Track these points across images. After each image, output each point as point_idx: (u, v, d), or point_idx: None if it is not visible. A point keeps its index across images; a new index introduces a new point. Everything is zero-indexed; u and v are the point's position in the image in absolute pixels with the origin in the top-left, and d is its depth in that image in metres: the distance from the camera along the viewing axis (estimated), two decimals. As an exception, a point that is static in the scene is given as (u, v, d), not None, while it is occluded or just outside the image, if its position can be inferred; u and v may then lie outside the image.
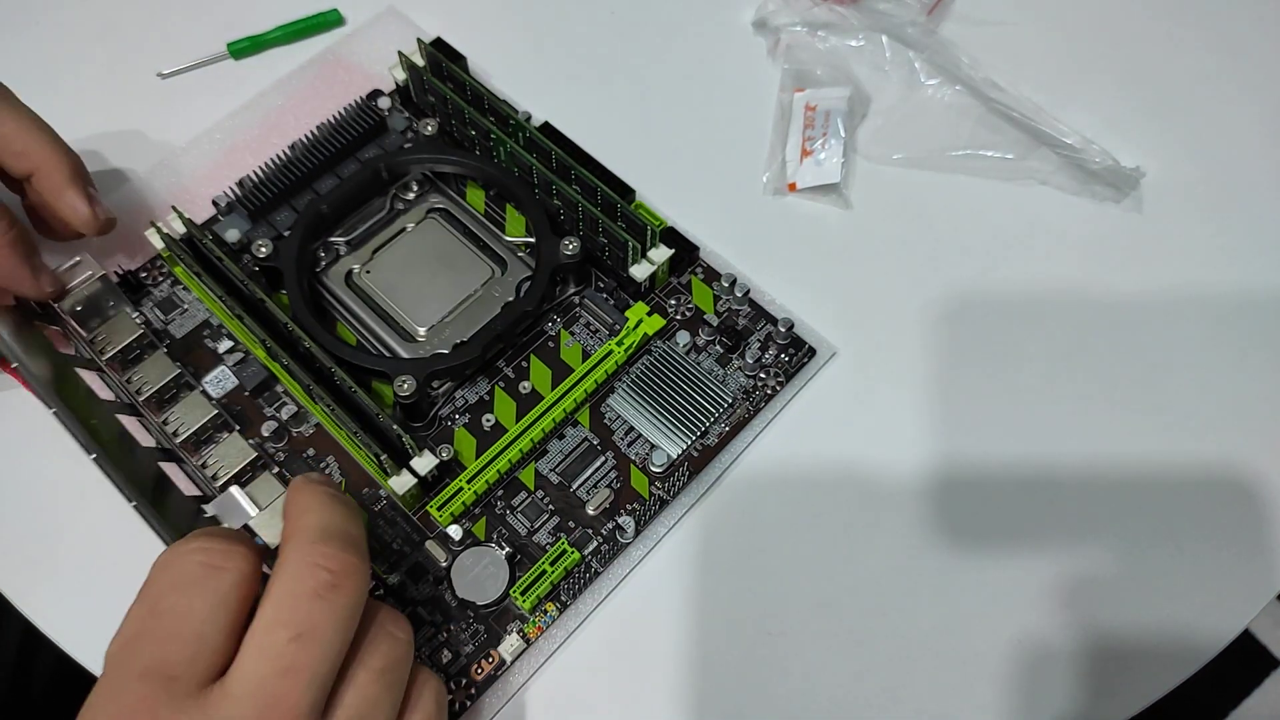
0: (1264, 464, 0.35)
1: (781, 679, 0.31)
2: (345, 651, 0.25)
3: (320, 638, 0.24)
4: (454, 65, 0.38)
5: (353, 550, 0.25)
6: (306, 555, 0.25)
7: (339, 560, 0.25)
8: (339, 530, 0.26)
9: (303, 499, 0.27)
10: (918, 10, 0.44)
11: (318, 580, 0.24)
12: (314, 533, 0.25)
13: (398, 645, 0.26)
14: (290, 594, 0.24)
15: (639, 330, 0.35)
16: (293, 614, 0.24)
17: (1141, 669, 0.31)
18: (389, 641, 0.26)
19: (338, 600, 0.24)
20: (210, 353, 0.35)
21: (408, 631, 0.27)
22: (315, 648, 0.24)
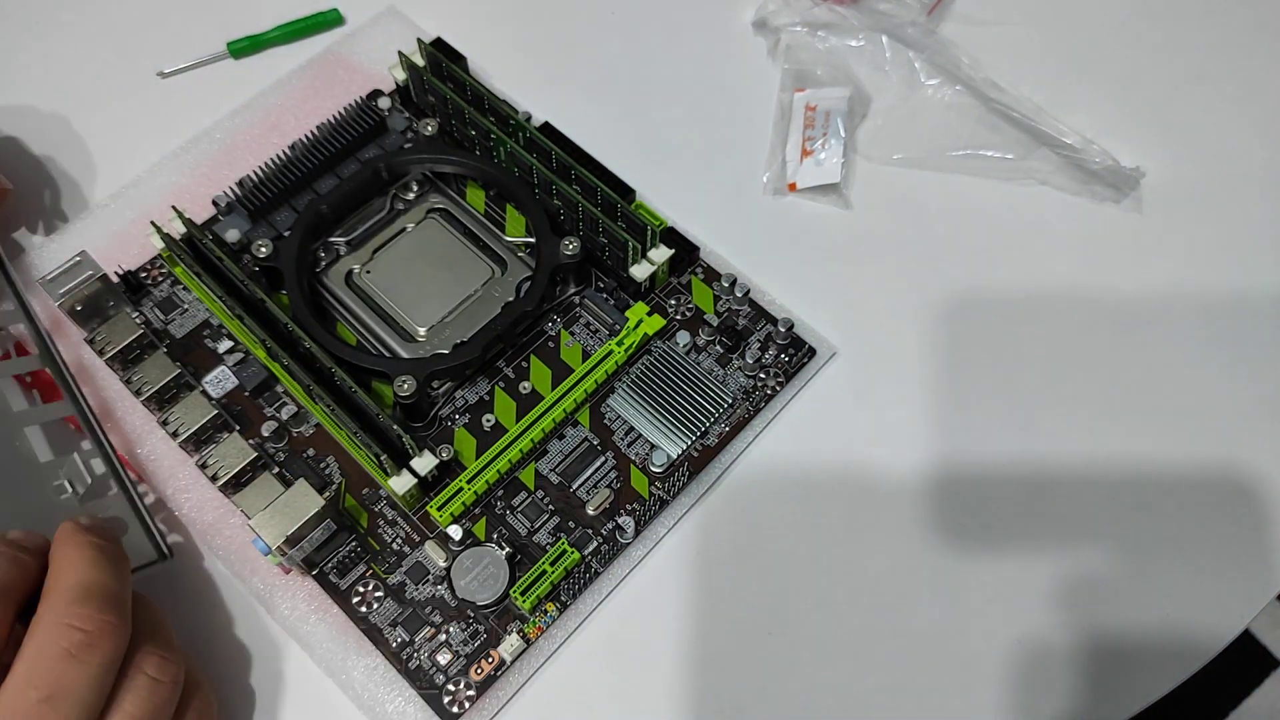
0: (1264, 464, 0.35)
1: (781, 679, 0.31)
2: (100, 705, 0.25)
3: (71, 697, 0.24)
4: (454, 65, 0.38)
5: (111, 609, 0.26)
6: (61, 615, 0.25)
7: (95, 620, 0.25)
8: (99, 588, 0.26)
9: (66, 555, 0.27)
10: (918, 10, 0.44)
11: (71, 640, 0.25)
12: (72, 592, 0.25)
13: (159, 690, 0.26)
14: (42, 654, 0.24)
15: (639, 330, 0.35)
16: (44, 675, 0.24)
17: (1141, 669, 0.31)
18: (149, 688, 0.26)
19: (91, 659, 0.25)
20: (210, 353, 0.35)
21: (171, 672, 0.27)
22: (65, 707, 0.24)
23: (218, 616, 0.32)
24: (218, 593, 0.32)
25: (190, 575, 0.32)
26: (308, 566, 0.32)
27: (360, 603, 0.31)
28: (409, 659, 0.31)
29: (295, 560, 0.31)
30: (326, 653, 0.31)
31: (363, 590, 0.31)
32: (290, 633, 0.31)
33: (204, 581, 0.32)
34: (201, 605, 0.32)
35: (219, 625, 0.32)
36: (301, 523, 0.30)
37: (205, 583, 0.32)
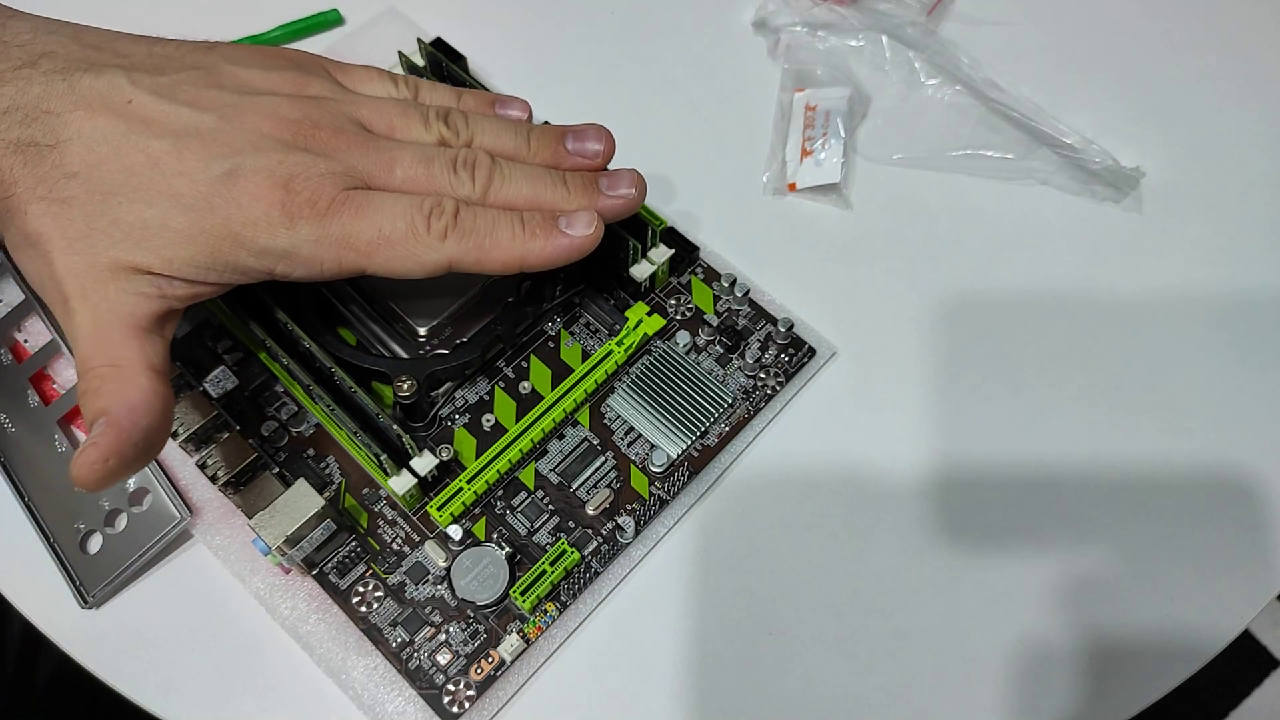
0: (1264, 464, 0.35)
1: (781, 679, 0.31)
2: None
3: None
4: (454, 65, 0.38)
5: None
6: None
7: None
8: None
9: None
10: (918, 10, 0.44)
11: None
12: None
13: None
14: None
15: (639, 330, 0.35)
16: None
17: (1141, 669, 0.31)
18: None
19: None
20: (210, 353, 0.35)
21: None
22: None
23: (218, 616, 0.32)
24: (218, 593, 0.32)
25: (190, 575, 0.32)
26: (308, 566, 0.32)
27: (360, 603, 0.31)
28: (409, 659, 0.31)
29: (295, 560, 0.31)
30: (326, 653, 0.31)
31: (363, 590, 0.31)
32: (290, 633, 0.31)
33: (204, 581, 0.32)
34: (201, 605, 0.32)
35: (219, 625, 0.32)
36: (301, 523, 0.30)
37: (205, 583, 0.32)
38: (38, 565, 0.32)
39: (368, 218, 0.28)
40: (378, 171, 0.29)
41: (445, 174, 0.30)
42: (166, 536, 0.32)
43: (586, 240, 0.31)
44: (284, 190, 0.27)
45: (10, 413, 0.34)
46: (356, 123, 0.30)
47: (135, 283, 0.27)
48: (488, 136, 0.32)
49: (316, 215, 0.28)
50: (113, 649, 0.31)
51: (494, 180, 0.31)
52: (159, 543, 0.32)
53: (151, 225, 0.27)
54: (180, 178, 0.27)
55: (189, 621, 0.32)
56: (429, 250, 0.29)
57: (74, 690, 0.55)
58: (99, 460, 0.25)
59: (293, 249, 0.28)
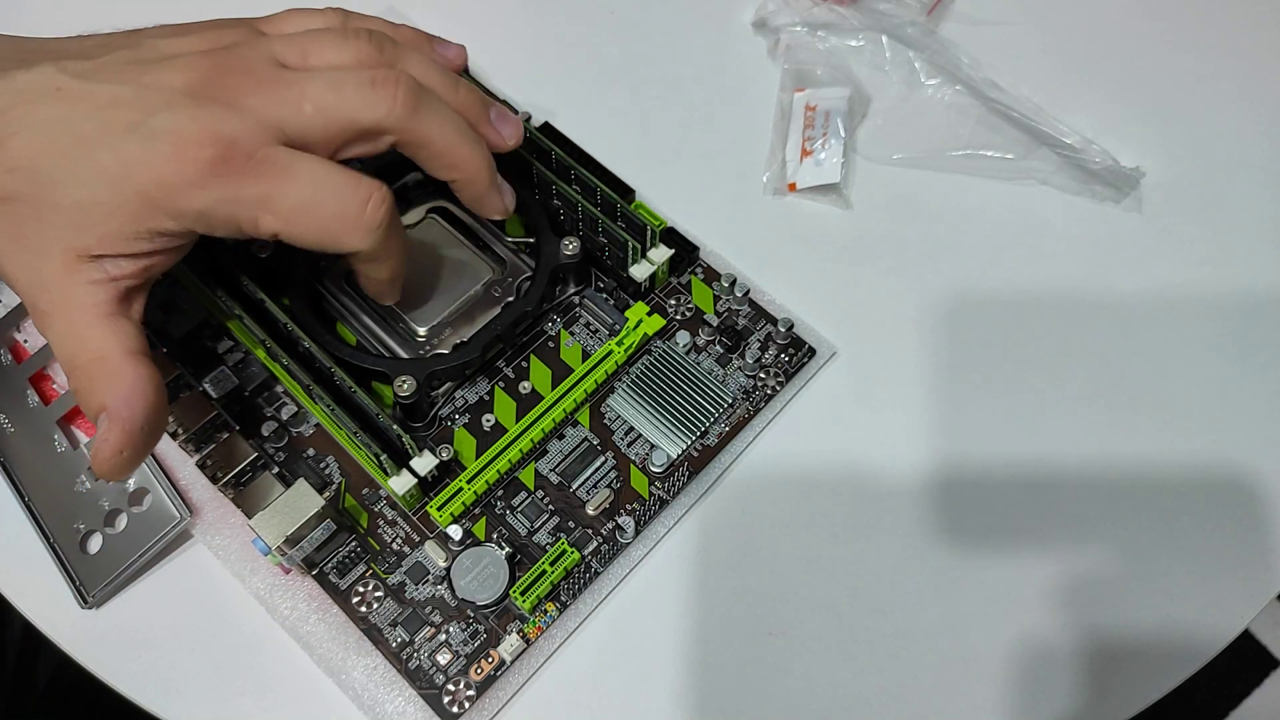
0: (1264, 464, 0.35)
1: (781, 679, 0.31)
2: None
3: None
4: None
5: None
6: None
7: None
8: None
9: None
10: (918, 10, 0.44)
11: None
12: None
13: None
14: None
15: (639, 330, 0.35)
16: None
17: (1141, 669, 0.31)
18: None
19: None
20: (210, 353, 0.35)
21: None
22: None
23: (218, 616, 0.32)
24: (218, 593, 0.32)
25: (190, 575, 0.32)
26: (308, 566, 0.32)
27: (360, 603, 0.31)
28: (409, 659, 0.31)
29: (295, 560, 0.31)
30: (326, 653, 0.31)
31: (363, 590, 0.31)
32: (290, 633, 0.31)
33: (203, 582, 0.32)
34: (201, 605, 0.32)
35: (219, 625, 0.32)
36: (301, 523, 0.30)
37: (205, 583, 0.32)
38: (38, 565, 0.32)
39: (293, 183, 0.28)
40: (289, 113, 0.28)
41: (360, 93, 0.29)
42: (166, 536, 0.32)
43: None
44: (197, 146, 0.27)
45: (10, 413, 0.34)
46: (270, 60, 0.29)
47: (86, 272, 0.27)
48: (416, 67, 0.31)
49: (235, 172, 0.27)
50: (113, 649, 0.31)
51: (420, 106, 0.29)
52: (159, 543, 0.32)
53: (85, 205, 0.27)
54: (104, 151, 0.27)
55: (189, 621, 0.32)
56: (354, 235, 0.29)
57: (74, 690, 0.55)
58: (114, 454, 0.27)
59: (211, 208, 0.27)
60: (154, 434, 0.28)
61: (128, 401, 0.27)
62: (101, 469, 0.27)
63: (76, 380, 0.27)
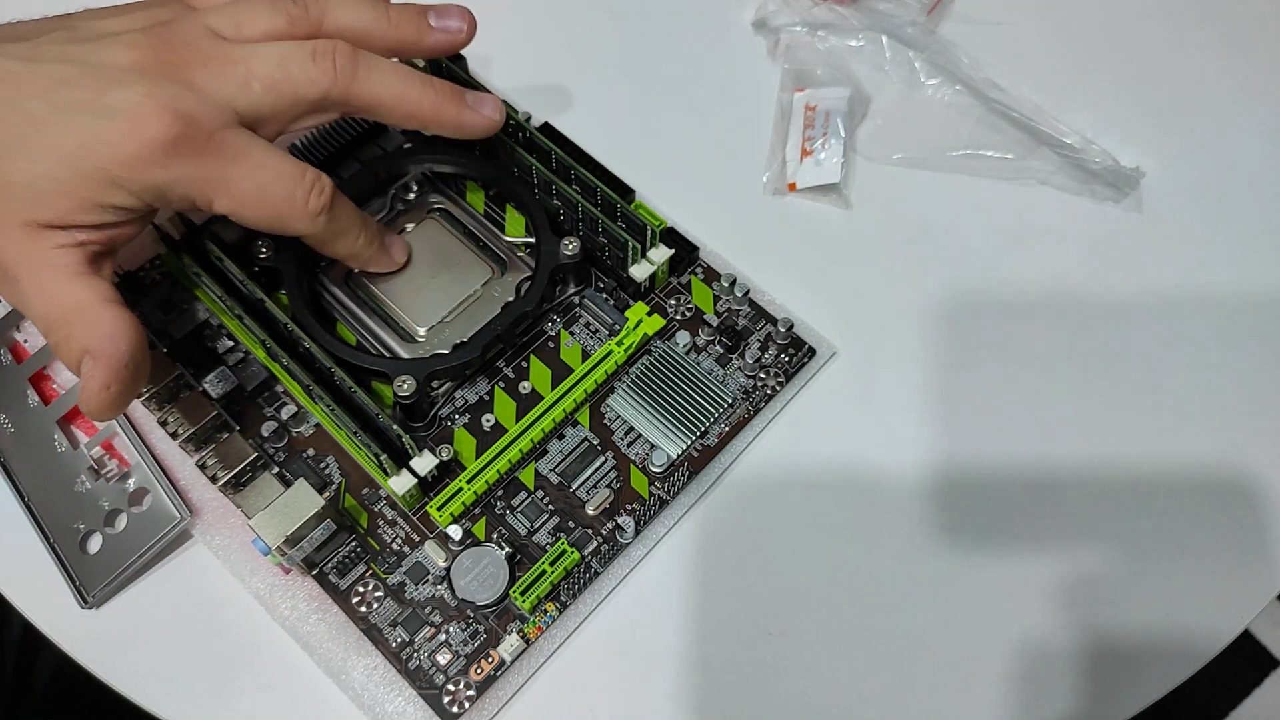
0: (1264, 464, 0.35)
1: (781, 679, 0.31)
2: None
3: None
4: (453, 65, 0.38)
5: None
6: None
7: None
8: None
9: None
10: (918, 10, 0.44)
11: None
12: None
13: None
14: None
15: (639, 330, 0.35)
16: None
17: (1141, 669, 0.31)
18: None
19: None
20: (210, 353, 0.35)
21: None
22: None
23: (218, 616, 0.32)
24: (218, 593, 0.32)
25: (190, 575, 0.32)
26: (308, 566, 0.32)
27: (360, 603, 0.31)
28: (409, 659, 0.31)
29: (295, 560, 0.31)
30: (326, 653, 0.31)
31: (362, 590, 0.31)
32: (290, 633, 0.31)
33: (203, 582, 0.32)
34: (201, 605, 0.32)
35: (219, 625, 0.32)
36: (301, 523, 0.30)
37: (205, 583, 0.32)
38: (38, 565, 0.32)
39: (247, 168, 0.29)
40: (238, 91, 0.29)
41: (303, 70, 0.30)
42: (166, 536, 0.32)
43: (395, 265, 0.35)
44: (156, 122, 0.27)
45: (10, 413, 0.34)
46: (208, 31, 0.30)
47: (51, 237, 0.28)
48: (343, 12, 0.31)
49: (193, 152, 0.28)
50: (113, 649, 0.31)
51: (359, 70, 0.31)
52: (159, 543, 0.32)
53: (39, 180, 0.27)
54: (56, 129, 0.27)
55: (189, 621, 0.32)
56: (299, 221, 0.30)
57: (74, 690, 0.55)
58: (101, 389, 0.27)
59: (168, 185, 0.28)
60: (139, 373, 0.28)
61: (110, 338, 0.27)
62: (89, 406, 0.27)
63: (55, 333, 0.28)
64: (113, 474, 0.33)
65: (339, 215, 0.32)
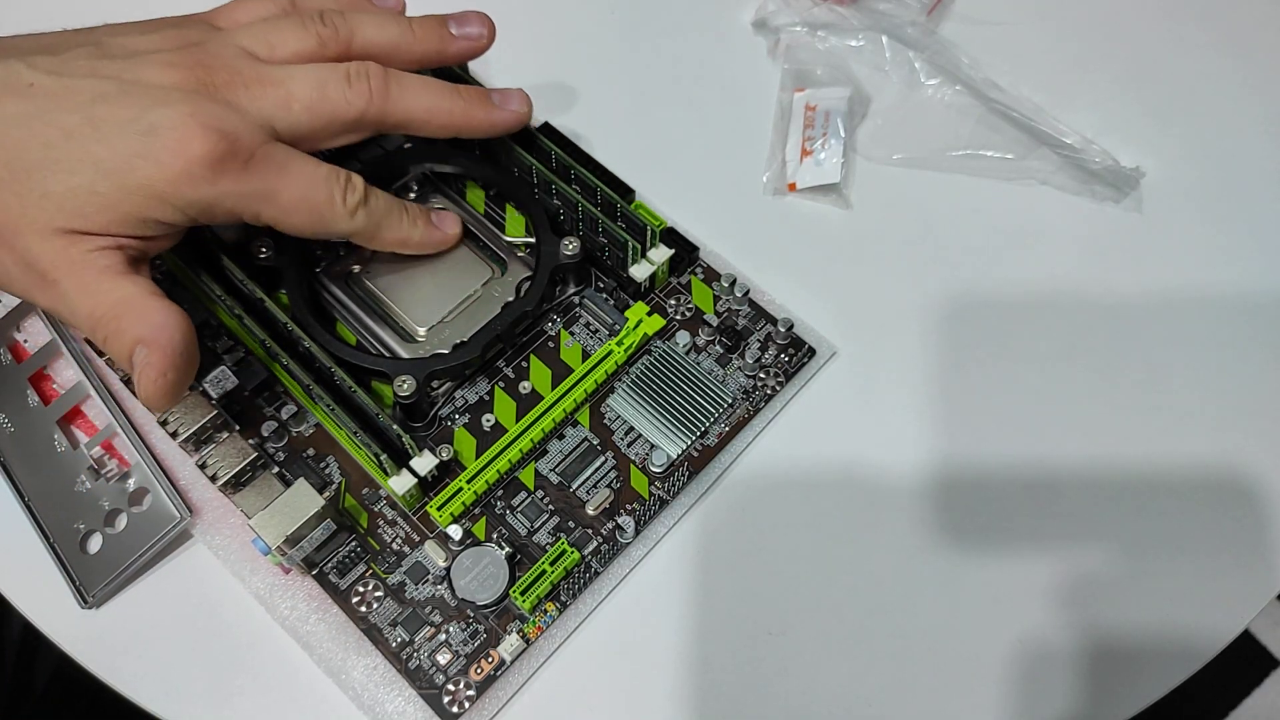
0: (1264, 464, 0.35)
1: (781, 679, 0.31)
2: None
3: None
4: (454, 65, 0.38)
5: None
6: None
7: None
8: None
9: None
10: (918, 10, 0.44)
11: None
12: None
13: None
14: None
15: (639, 330, 0.35)
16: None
17: (1141, 669, 0.31)
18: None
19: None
20: (210, 353, 0.35)
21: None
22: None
23: (218, 616, 0.32)
24: (218, 593, 0.32)
25: (190, 575, 0.32)
26: (307, 566, 0.32)
27: (360, 602, 0.31)
28: (409, 659, 0.31)
29: (295, 560, 0.31)
30: (326, 653, 0.31)
31: (362, 590, 0.31)
32: (290, 633, 0.31)
33: (203, 582, 0.32)
34: (201, 605, 0.32)
35: (219, 625, 0.32)
36: (301, 522, 0.30)
37: (205, 583, 0.32)
38: (38, 565, 0.32)
39: (290, 179, 0.30)
40: (279, 112, 0.30)
41: (340, 92, 0.31)
42: (166, 536, 0.32)
43: (452, 237, 0.36)
44: (203, 141, 0.28)
45: (10, 413, 0.34)
46: (242, 52, 0.31)
47: (89, 241, 0.28)
48: (369, 29, 0.33)
49: (238, 169, 0.29)
50: (113, 649, 0.31)
51: (390, 89, 0.32)
52: (159, 543, 0.32)
53: (80, 192, 0.27)
54: (98, 144, 0.27)
55: (189, 621, 0.32)
56: (340, 220, 0.31)
57: (74, 690, 0.55)
58: (159, 376, 0.28)
59: (215, 201, 0.29)
60: (192, 361, 0.29)
61: (163, 327, 0.28)
62: (148, 393, 0.28)
63: (104, 328, 0.28)
64: (113, 474, 0.33)
65: (375, 207, 0.32)
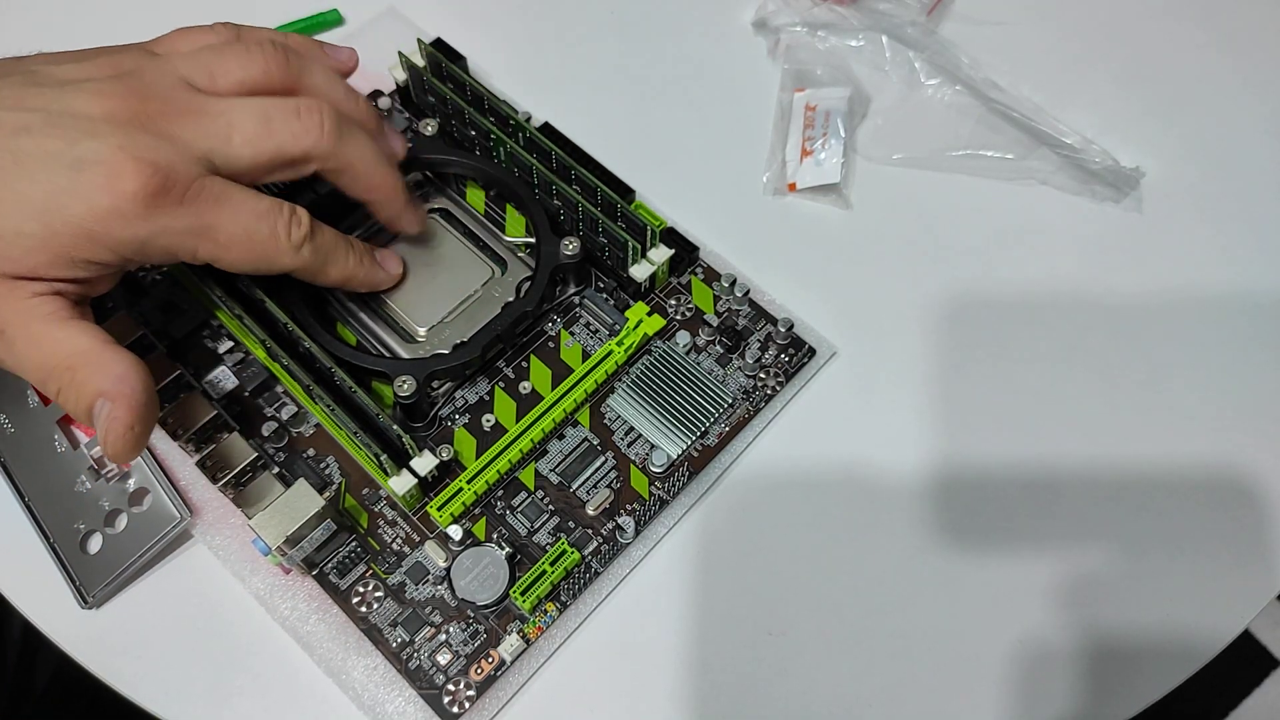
0: (1264, 464, 0.35)
1: (781, 679, 0.31)
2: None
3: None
4: (454, 65, 0.38)
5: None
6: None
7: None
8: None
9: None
10: (918, 10, 0.44)
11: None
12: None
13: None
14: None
15: (639, 330, 0.35)
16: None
17: (1141, 669, 0.31)
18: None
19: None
20: (210, 353, 0.35)
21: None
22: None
23: (218, 616, 0.32)
24: (218, 593, 0.32)
25: (190, 575, 0.32)
26: (308, 566, 0.32)
27: (360, 603, 0.31)
28: (409, 659, 0.31)
29: (295, 560, 0.31)
30: (326, 653, 0.31)
31: (363, 590, 0.31)
32: (290, 633, 0.31)
33: (203, 582, 0.32)
34: (201, 605, 0.32)
35: (219, 625, 0.32)
36: (301, 523, 0.30)
37: (205, 583, 0.32)
38: (38, 565, 0.32)
39: (229, 213, 0.28)
40: (218, 144, 0.28)
41: (287, 123, 0.29)
42: (166, 536, 0.32)
43: (395, 277, 0.35)
44: (134, 175, 0.26)
45: (10, 413, 0.34)
46: (180, 81, 0.29)
47: (27, 287, 0.27)
48: (319, 75, 0.32)
49: (173, 203, 0.27)
50: (113, 649, 0.31)
51: (341, 131, 0.30)
52: (159, 543, 0.32)
53: (6, 234, 0.26)
54: (22, 180, 0.26)
55: (189, 621, 0.32)
56: (284, 255, 0.30)
57: (74, 690, 0.55)
58: (126, 431, 0.27)
59: (149, 239, 0.27)
60: (154, 411, 0.28)
61: (124, 379, 0.27)
62: (115, 449, 0.27)
63: (58, 380, 0.27)
64: (113, 474, 0.33)
65: (321, 242, 0.31)
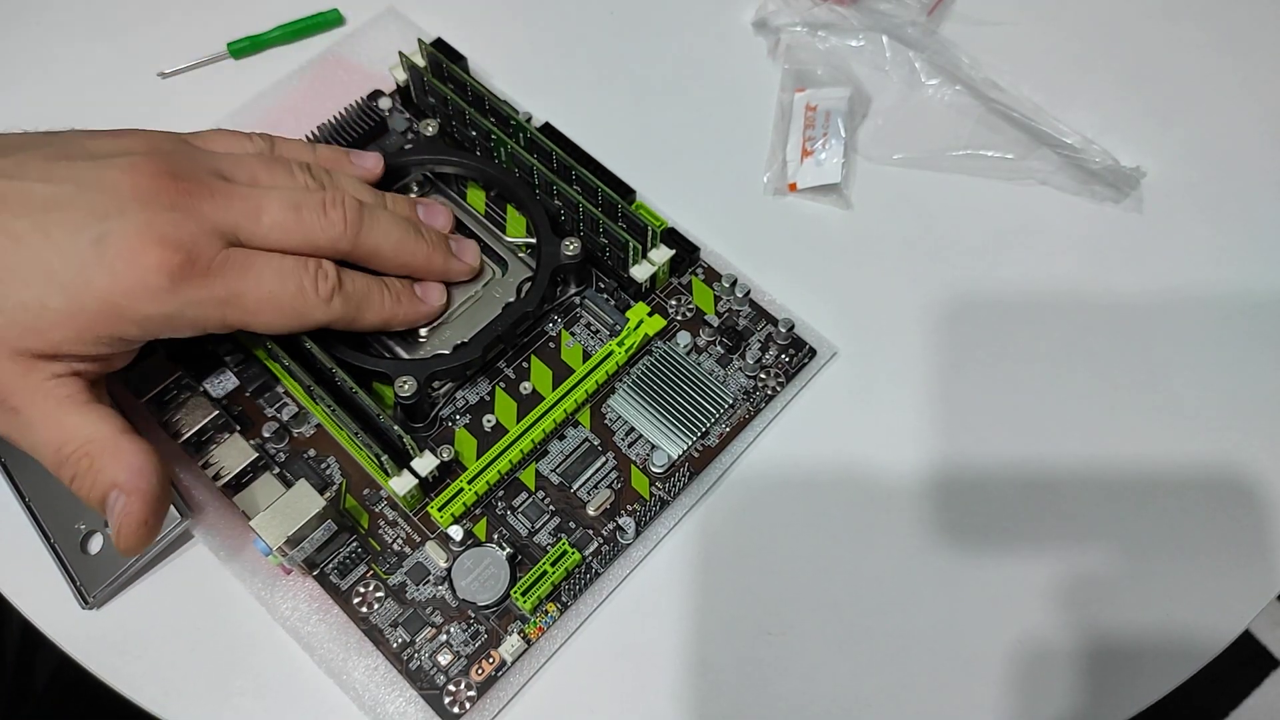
0: (1264, 464, 0.35)
1: (781, 679, 0.31)
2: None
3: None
4: (454, 66, 0.38)
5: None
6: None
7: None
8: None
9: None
10: (918, 10, 0.44)
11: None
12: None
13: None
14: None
15: (640, 331, 0.35)
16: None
17: (1141, 669, 0.31)
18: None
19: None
20: (210, 353, 0.35)
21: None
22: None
23: (218, 616, 0.32)
24: (218, 593, 0.32)
25: (190, 575, 0.32)
26: (308, 567, 0.32)
27: (361, 603, 0.31)
28: (410, 659, 0.31)
29: (296, 561, 0.31)
30: (327, 653, 0.31)
31: (363, 591, 0.31)
32: (291, 633, 0.31)
33: (204, 582, 0.32)
34: (202, 606, 0.32)
35: (219, 625, 0.32)
36: (302, 523, 0.30)
37: (205, 583, 0.32)
38: (38, 565, 0.32)
39: (254, 278, 0.28)
40: (245, 221, 0.29)
41: (315, 216, 0.30)
42: (167, 537, 0.32)
43: (437, 309, 0.34)
44: (159, 251, 0.26)
45: None
46: (216, 174, 0.29)
47: (47, 367, 0.27)
48: (349, 187, 0.33)
49: (199, 276, 0.27)
50: (113, 649, 0.31)
51: (364, 222, 0.31)
52: (159, 543, 0.32)
53: (32, 307, 0.26)
54: (49, 252, 0.26)
55: (189, 621, 0.32)
56: (315, 310, 0.30)
57: (74, 690, 0.55)
58: (140, 526, 0.27)
59: (177, 313, 0.27)
60: (166, 502, 0.28)
61: (141, 472, 0.27)
62: (128, 544, 0.27)
63: (72, 467, 0.27)
64: (113, 474, 0.33)
65: (351, 290, 0.31)
